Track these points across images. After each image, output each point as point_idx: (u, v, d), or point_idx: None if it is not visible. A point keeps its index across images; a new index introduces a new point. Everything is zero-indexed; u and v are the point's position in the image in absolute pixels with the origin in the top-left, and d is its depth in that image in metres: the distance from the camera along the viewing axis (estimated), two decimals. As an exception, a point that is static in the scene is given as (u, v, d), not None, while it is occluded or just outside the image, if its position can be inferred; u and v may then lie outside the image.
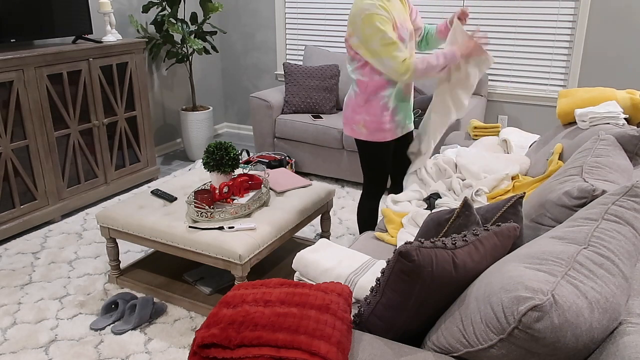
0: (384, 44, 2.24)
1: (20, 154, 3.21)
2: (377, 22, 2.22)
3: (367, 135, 2.49)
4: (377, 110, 2.43)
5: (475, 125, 3.16)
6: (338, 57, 4.40)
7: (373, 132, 2.47)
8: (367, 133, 2.48)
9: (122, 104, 3.84)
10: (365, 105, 2.44)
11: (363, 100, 2.44)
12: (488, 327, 1.06)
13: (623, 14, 3.66)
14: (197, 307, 2.51)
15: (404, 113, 2.53)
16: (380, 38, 2.23)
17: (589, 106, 2.50)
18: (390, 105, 2.44)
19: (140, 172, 4.08)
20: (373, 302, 1.29)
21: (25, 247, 3.13)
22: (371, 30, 2.23)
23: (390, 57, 2.25)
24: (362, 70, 2.39)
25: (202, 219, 2.40)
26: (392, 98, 2.43)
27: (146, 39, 4.37)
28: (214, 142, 2.47)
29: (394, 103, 2.44)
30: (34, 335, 2.36)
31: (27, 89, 3.18)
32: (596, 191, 1.54)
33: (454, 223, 1.56)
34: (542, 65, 4.01)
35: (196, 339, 1.15)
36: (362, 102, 2.44)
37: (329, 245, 1.92)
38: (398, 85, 2.42)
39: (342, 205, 3.71)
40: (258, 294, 1.25)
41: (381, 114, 2.44)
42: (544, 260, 1.12)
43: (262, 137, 4.28)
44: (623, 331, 1.04)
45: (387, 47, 2.24)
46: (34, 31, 3.36)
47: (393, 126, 2.49)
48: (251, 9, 5.06)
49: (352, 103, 2.50)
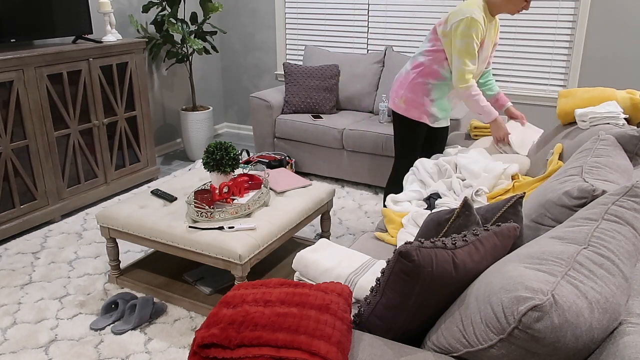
0: (467, 48, 2.51)
1: (20, 154, 3.21)
2: (474, 29, 2.48)
3: (404, 110, 2.76)
4: (419, 91, 2.70)
5: (476, 125, 3.16)
6: (338, 57, 4.40)
7: (410, 109, 2.74)
8: (405, 108, 2.75)
9: (122, 104, 3.84)
10: (412, 83, 2.71)
11: (412, 79, 2.71)
12: (488, 327, 1.06)
13: (623, 14, 3.66)
14: (197, 307, 2.51)
15: (442, 110, 2.78)
16: (467, 43, 2.50)
17: (589, 106, 2.50)
18: (433, 95, 2.70)
19: (140, 172, 4.08)
20: (373, 302, 1.29)
21: (25, 247, 3.13)
22: (466, 31, 2.48)
23: (463, 61, 2.54)
24: (430, 55, 2.64)
25: (202, 219, 2.40)
26: (437, 90, 2.68)
27: (146, 39, 4.37)
28: (214, 142, 2.47)
29: (436, 95, 2.70)
30: (34, 335, 2.36)
31: (27, 89, 3.18)
32: (596, 191, 1.54)
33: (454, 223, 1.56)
34: (542, 65, 4.01)
35: (196, 339, 1.15)
36: (410, 80, 2.71)
37: (329, 245, 1.92)
38: (446, 87, 2.69)
39: (342, 205, 3.71)
40: (258, 294, 1.25)
41: (422, 97, 2.71)
42: (544, 260, 1.12)
43: (262, 137, 4.28)
44: (623, 331, 1.04)
45: (467, 52, 2.51)
46: (34, 31, 3.36)
47: (428, 112, 2.73)
48: (251, 9, 5.06)
49: (401, 78, 2.78)
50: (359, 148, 3.86)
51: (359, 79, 4.27)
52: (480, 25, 2.49)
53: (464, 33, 2.49)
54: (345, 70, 4.34)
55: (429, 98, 2.71)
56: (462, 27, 2.49)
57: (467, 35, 2.48)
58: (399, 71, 2.91)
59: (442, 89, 2.70)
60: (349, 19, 4.64)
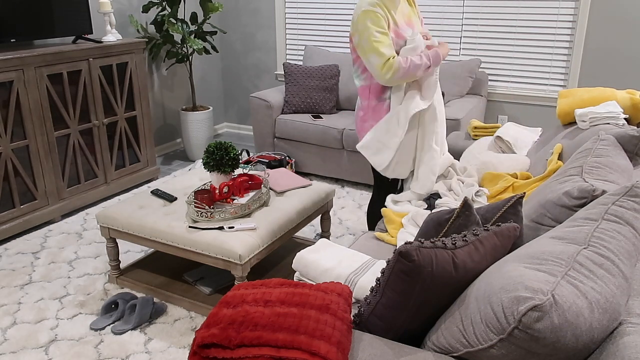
0: (371, 40, 2.22)
1: (20, 154, 3.21)
2: (369, 19, 2.22)
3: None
4: (382, 114, 2.40)
5: (475, 125, 3.15)
6: (338, 57, 4.40)
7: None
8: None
9: (122, 104, 3.84)
10: (371, 111, 2.42)
11: (368, 107, 2.43)
12: (488, 327, 1.06)
13: (623, 14, 3.66)
14: (197, 307, 2.51)
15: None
16: (369, 35, 2.22)
17: (589, 106, 2.50)
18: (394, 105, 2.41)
19: (140, 172, 4.08)
20: (373, 302, 1.29)
21: (25, 247, 3.13)
22: (363, 26, 2.23)
23: (376, 53, 2.23)
24: (363, 74, 2.39)
25: (202, 219, 2.40)
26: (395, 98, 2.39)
27: (146, 39, 4.37)
28: (214, 142, 2.47)
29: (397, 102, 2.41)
30: (34, 335, 2.36)
31: (27, 89, 3.18)
32: (596, 191, 1.54)
33: (454, 223, 1.56)
34: (542, 65, 4.01)
35: (196, 339, 1.15)
36: (367, 109, 2.43)
37: (329, 245, 1.92)
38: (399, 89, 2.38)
39: (342, 205, 3.71)
40: (258, 294, 1.25)
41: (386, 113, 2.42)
42: (544, 260, 1.12)
43: (262, 137, 4.28)
44: (623, 331, 1.04)
45: (373, 44, 2.22)
46: (34, 31, 3.36)
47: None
48: (251, 9, 5.06)
49: (359, 113, 2.48)
50: (359, 148, 3.86)
51: (359, 79, 4.27)
52: (374, 10, 2.22)
53: (362, 29, 2.24)
54: (345, 70, 4.34)
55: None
56: (359, 26, 2.25)
57: (365, 28, 2.23)
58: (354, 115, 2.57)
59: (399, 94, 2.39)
60: (349, 19, 4.64)
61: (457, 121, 3.59)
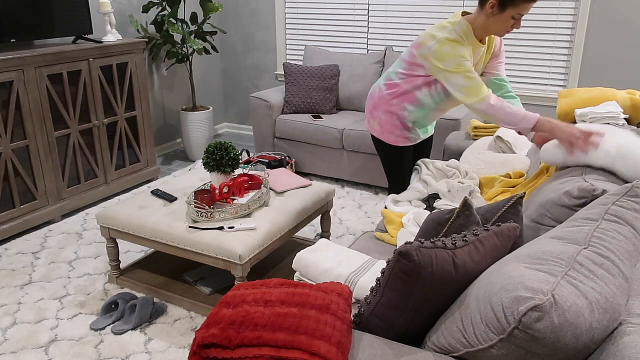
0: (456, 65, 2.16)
1: (20, 154, 3.21)
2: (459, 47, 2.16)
3: (379, 133, 2.51)
4: (395, 116, 2.44)
5: (475, 125, 3.15)
6: (338, 57, 4.40)
7: (385, 132, 2.49)
8: (379, 131, 2.50)
9: (122, 104, 3.84)
10: (387, 105, 2.43)
11: (386, 101, 2.43)
12: (488, 327, 1.06)
13: (623, 14, 3.66)
14: (197, 307, 2.51)
15: (422, 132, 2.55)
16: (456, 61, 2.16)
17: (589, 106, 2.50)
18: (409, 122, 2.45)
19: (140, 172, 4.08)
20: (373, 302, 1.29)
21: (25, 247, 3.13)
22: (450, 49, 2.16)
23: (465, 76, 2.15)
24: (405, 77, 2.35)
25: (202, 219, 2.40)
26: (414, 115, 2.43)
27: (146, 39, 4.37)
28: (214, 142, 2.47)
29: (412, 120, 2.45)
30: (34, 335, 2.36)
31: (27, 89, 3.18)
32: (596, 191, 1.54)
33: (454, 223, 1.56)
34: (542, 65, 4.01)
35: (196, 339, 1.15)
36: (385, 101, 2.44)
37: (329, 245, 1.92)
38: (425, 112, 2.41)
39: (342, 205, 3.71)
40: (258, 294, 1.25)
41: (398, 122, 2.45)
42: (544, 260, 1.12)
43: (262, 137, 4.28)
44: (623, 331, 1.04)
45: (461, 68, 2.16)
46: (34, 31, 3.36)
47: (407, 136, 2.50)
48: (251, 9, 5.06)
49: (375, 97, 2.48)
50: (359, 148, 3.86)
51: (359, 79, 4.27)
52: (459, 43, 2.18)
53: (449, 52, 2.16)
54: (345, 70, 4.34)
55: (405, 124, 2.45)
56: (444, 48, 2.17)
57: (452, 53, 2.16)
58: (372, 87, 2.53)
59: (420, 114, 2.42)
60: (349, 19, 4.64)
61: (457, 121, 3.59)
